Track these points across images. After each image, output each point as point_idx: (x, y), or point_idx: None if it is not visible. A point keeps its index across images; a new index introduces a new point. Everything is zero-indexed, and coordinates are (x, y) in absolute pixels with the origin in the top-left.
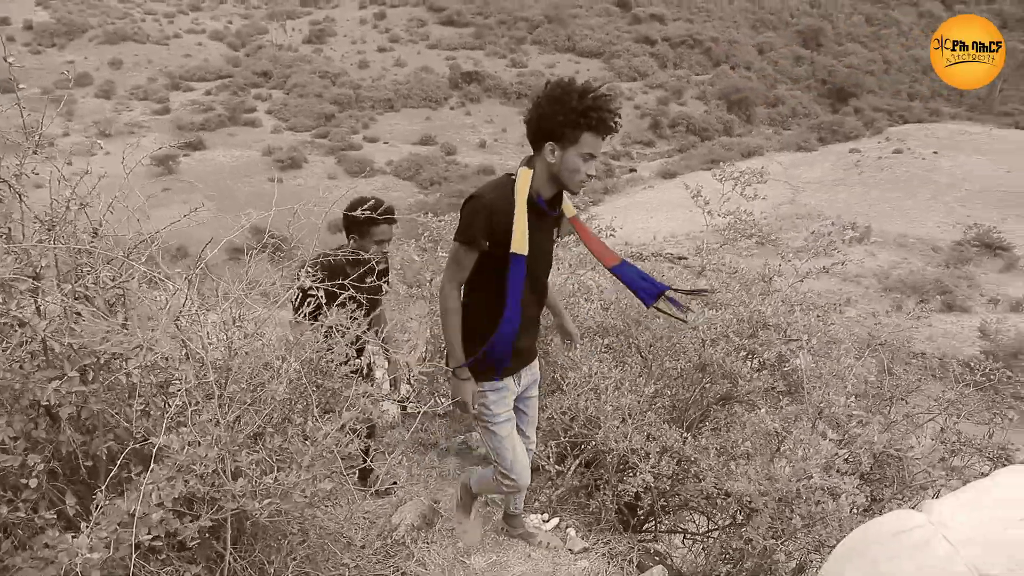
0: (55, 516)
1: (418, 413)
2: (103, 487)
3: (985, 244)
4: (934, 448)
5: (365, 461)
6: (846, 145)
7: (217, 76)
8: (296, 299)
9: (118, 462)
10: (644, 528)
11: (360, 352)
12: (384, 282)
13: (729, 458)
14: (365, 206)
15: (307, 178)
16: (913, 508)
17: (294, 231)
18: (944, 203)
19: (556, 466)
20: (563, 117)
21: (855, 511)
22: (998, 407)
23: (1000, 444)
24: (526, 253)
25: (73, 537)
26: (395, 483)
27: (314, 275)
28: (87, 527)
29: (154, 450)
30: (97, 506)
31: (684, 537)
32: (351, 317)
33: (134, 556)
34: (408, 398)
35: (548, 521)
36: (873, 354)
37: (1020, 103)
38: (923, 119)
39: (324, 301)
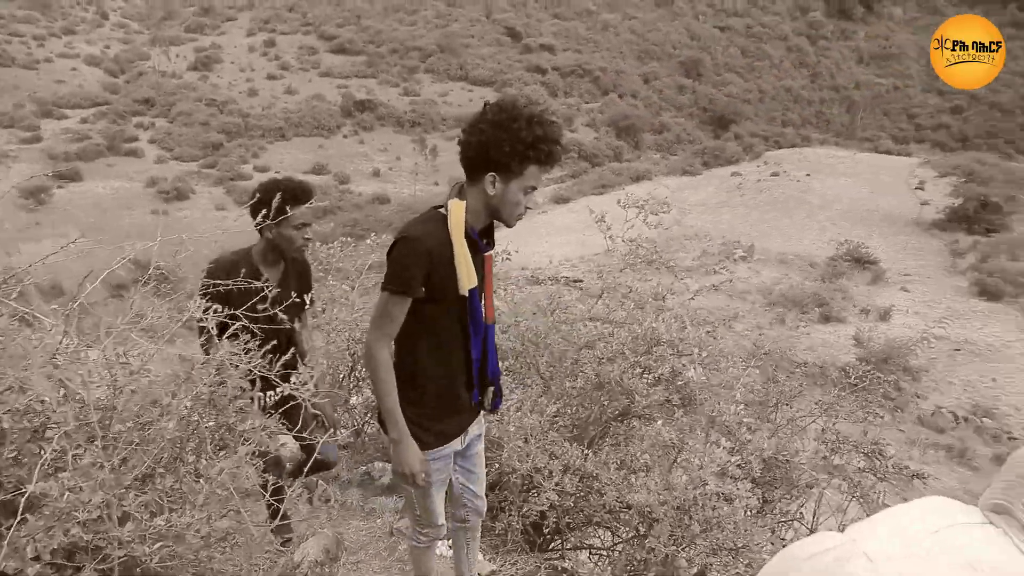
0: None
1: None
2: None
3: (855, 259)
4: (817, 448)
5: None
6: (728, 169)
7: (93, 103)
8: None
9: None
10: (551, 547)
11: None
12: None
13: (629, 471)
14: (277, 188)
15: (194, 209)
16: (828, 528)
17: (181, 263)
18: (818, 222)
19: None
20: (509, 147)
21: (749, 514)
22: (870, 407)
23: (873, 440)
24: (476, 283)
25: None
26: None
27: (204, 288)
28: None
29: (28, 499)
30: None
31: (591, 553)
32: (257, 339)
33: None
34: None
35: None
36: (759, 364)
37: (878, 130)
38: (796, 144)
39: (212, 316)
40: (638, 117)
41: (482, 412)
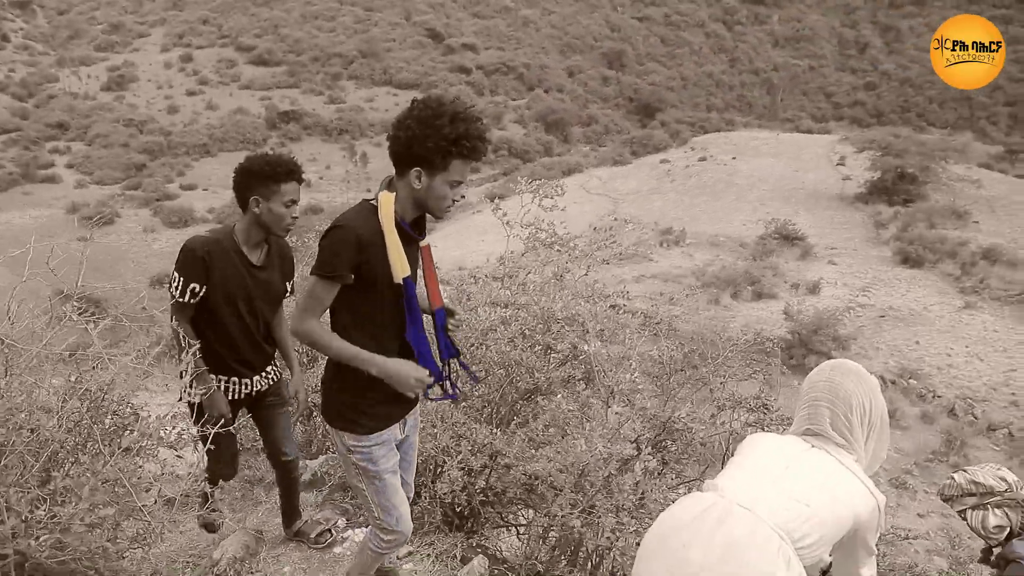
0: None
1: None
2: None
3: (784, 236)
4: (707, 408)
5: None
6: (657, 156)
7: (3, 130)
8: (176, 285)
9: None
10: (473, 528)
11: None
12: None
13: (535, 446)
14: (267, 162)
15: (121, 233)
16: (697, 489)
17: (110, 288)
18: (747, 202)
19: None
20: (433, 144)
21: (649, 476)
22: (758, 367)
23: (756, 395)
24: (409, 272)
25: None
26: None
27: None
28: None
29: None
30: None
31: (519, 533)
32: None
33: None
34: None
35: None
36: (667, 338)
37: (797, 110)
38: (720, 128)
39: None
40: (565, 111)
41: (418, 404)
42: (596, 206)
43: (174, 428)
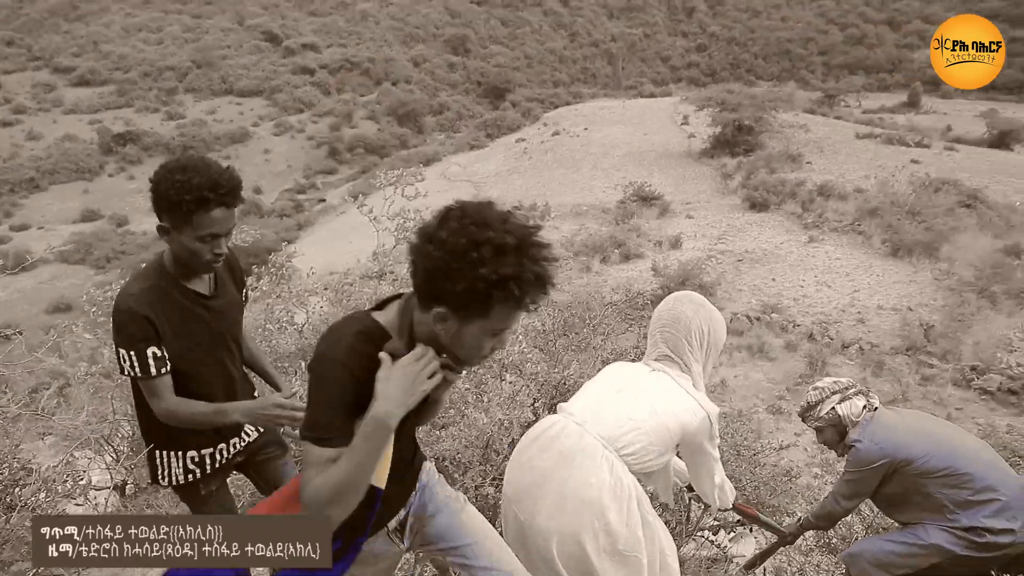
0: None
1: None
2: None
3: (642, 197)
4: (594, 365)
5: None
6: (512, 136)
7: None
8: (133, 364)
9: None
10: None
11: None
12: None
13: (438, 428)
14: (180, 178)
15: None
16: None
17: None
18: (603, 170)
19: None
20: (467, 285)
21: None
22: (633, 321)
23: (635, 345)
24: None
25: None
26: None
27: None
28: None
29: None
30: None
31: None
32: None
33: None
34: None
35: None
36: (546, 307)
37: (639, 77)
38: (569, 101)
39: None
40: (416, 101)
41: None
42: (459, 192)
43: (70, 476)
